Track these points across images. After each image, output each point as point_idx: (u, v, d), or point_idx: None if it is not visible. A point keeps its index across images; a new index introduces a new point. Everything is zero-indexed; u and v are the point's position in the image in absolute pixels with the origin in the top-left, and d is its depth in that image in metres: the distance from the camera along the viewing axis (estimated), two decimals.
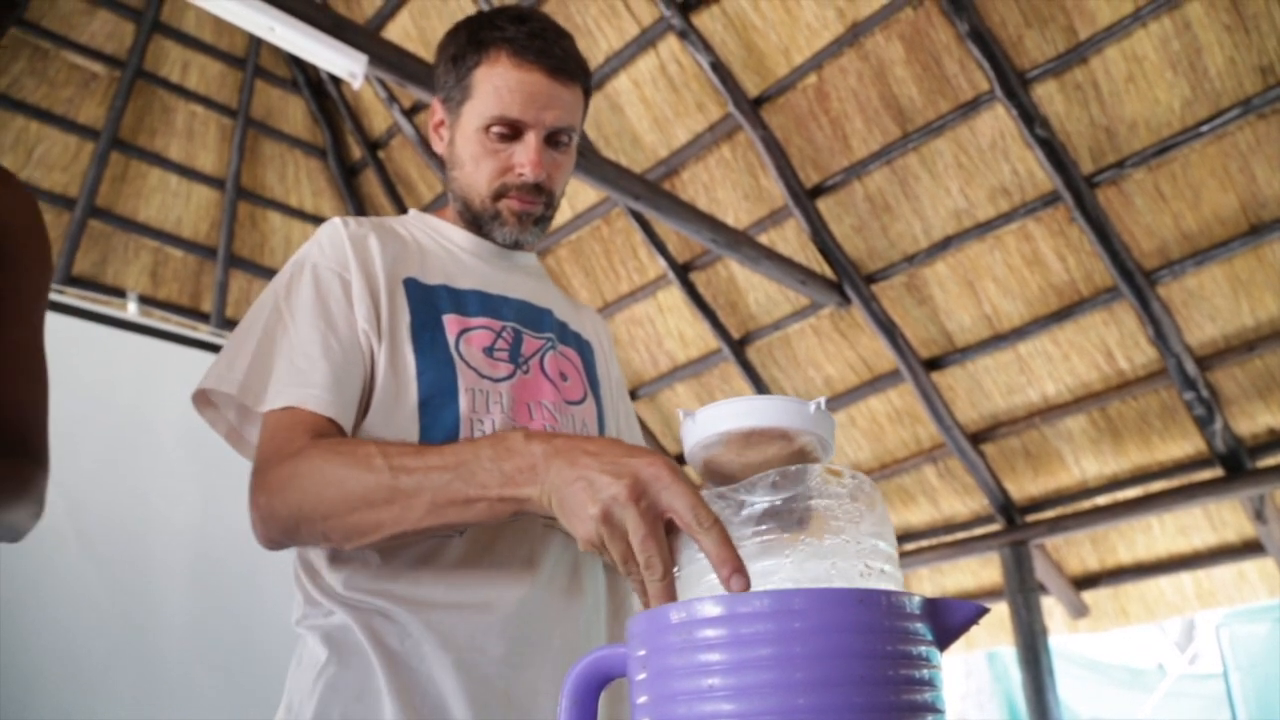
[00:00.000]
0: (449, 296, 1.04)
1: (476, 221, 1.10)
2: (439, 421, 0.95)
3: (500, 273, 1.11)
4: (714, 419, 0.76)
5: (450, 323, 1.02)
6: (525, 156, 1.04)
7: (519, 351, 1.04)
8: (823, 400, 0.77)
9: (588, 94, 1.12)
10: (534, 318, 1.09)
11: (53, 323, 2.58)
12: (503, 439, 0.78)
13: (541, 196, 1.08)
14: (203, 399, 0.99)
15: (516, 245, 1.11)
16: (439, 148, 1.13)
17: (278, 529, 0.89)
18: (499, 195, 1.07)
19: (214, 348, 2.89)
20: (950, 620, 0.48)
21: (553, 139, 1.07)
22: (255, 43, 5.54)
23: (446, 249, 1.10)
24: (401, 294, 1.01)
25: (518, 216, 1.07)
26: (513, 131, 1.04)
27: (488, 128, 1.04)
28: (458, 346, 1.00)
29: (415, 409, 0.96)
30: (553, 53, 1.04)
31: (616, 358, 1.27)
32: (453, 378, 0.97)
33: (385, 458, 0.83)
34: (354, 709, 0.88)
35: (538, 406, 1.02)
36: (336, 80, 5.65)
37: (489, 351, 1.02)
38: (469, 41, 1.06)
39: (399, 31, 5.13)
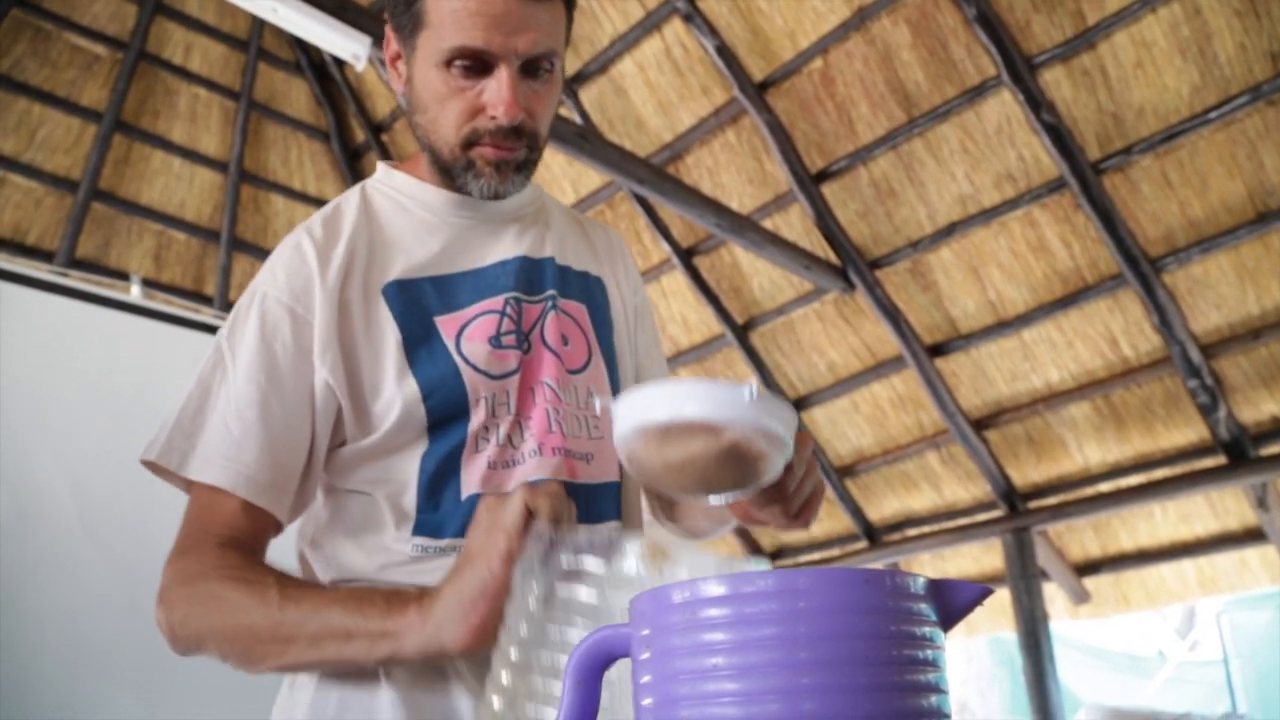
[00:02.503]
0: (435, 291, 0.91)
1: (448, 173, 0.93)
2: (445, 441, 0.88)
3: (489, 233, 0.97)
4: (627, 411, 0.67)
5: (445, 325, 0.90)
6: (497, 95, 0.86)
7: (521, 327, 0.93)
8: (754, 386, 0.64)
9: (570, 6, 0.93)
10: (533, 276, 0.97)
11: (56, 305, 2.60)
12: (398, 592, 0.80)
13: (522, 140, 0.90)
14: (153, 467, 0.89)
15: (497, 197, 0.93)
16: (397, 85, 0.94)
17: (180, 647, 0.86)
18: (470, 143, 0.89)
19: (217, 331, 2.90)
20: (954, 601, 0.48)
21: (530, 68, 0.88)
22: (258, 24, 5.52)
23: (424, 220, 0.95)
24: (383, 309, 0.89)
25: (494, 166, 0.90)
26: (479, 65, 0.86)
27: (448, 62, 0.86)
28: (459, 349, 0.89)
29: (424, 432, 0.88)
30: None
31: (638, 272, 1.13)
32: (461, 392, 0.88)
33: (280, 589, 0.80)
34: None
35: (540, 388, 0.92)
36: (340, 62, 5.63)
37: (495, 341, 0.91)
38: None
39: None
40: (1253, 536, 4.59)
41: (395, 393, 0.87)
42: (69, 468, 2.41)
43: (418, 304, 0.90)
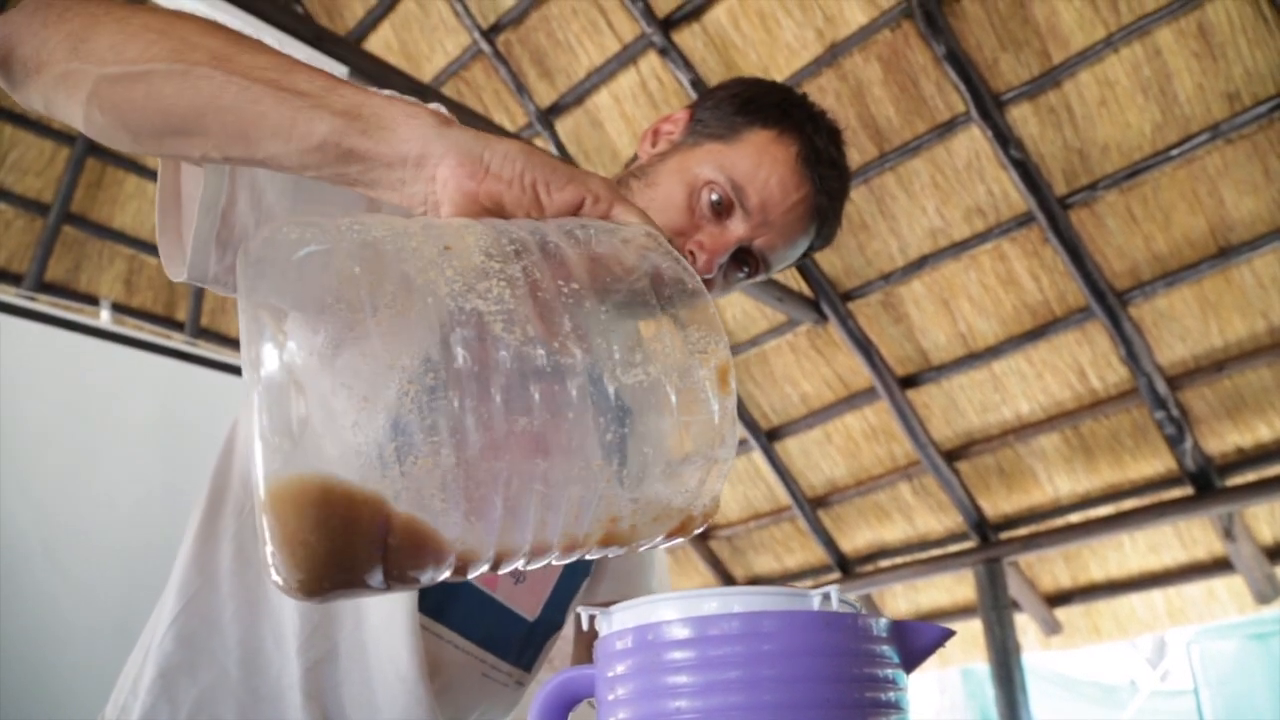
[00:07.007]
0: None
1: None
2: None
3: None
4: None
5: None
6: (712, 240, 0.85)
7: None
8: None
9: (808, 253, 0.96)
10: None
11: (24, 330, 2.56)
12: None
13: None
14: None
15: None
16: (645, 148, 0.94)
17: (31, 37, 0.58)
18: None
19: (188, 357, 2.86)
20: (916, 643, 0.49)
21: (745, 255, 0.88)
22: None
23: None
24: None
25: None
26: (725, 211, 0.86)
27: (711, 184, 0.85)
28: None
29: None
30: (831, 189, 0.90)
31: None
32: None
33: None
34: None
35: None
36: None
37: None
38: (774, 105, 0.90)
39: (380, 44, 5.13)
40: (1220, 567, 4.64)
41: None
42: (33, 493, 2.37)
43: None
